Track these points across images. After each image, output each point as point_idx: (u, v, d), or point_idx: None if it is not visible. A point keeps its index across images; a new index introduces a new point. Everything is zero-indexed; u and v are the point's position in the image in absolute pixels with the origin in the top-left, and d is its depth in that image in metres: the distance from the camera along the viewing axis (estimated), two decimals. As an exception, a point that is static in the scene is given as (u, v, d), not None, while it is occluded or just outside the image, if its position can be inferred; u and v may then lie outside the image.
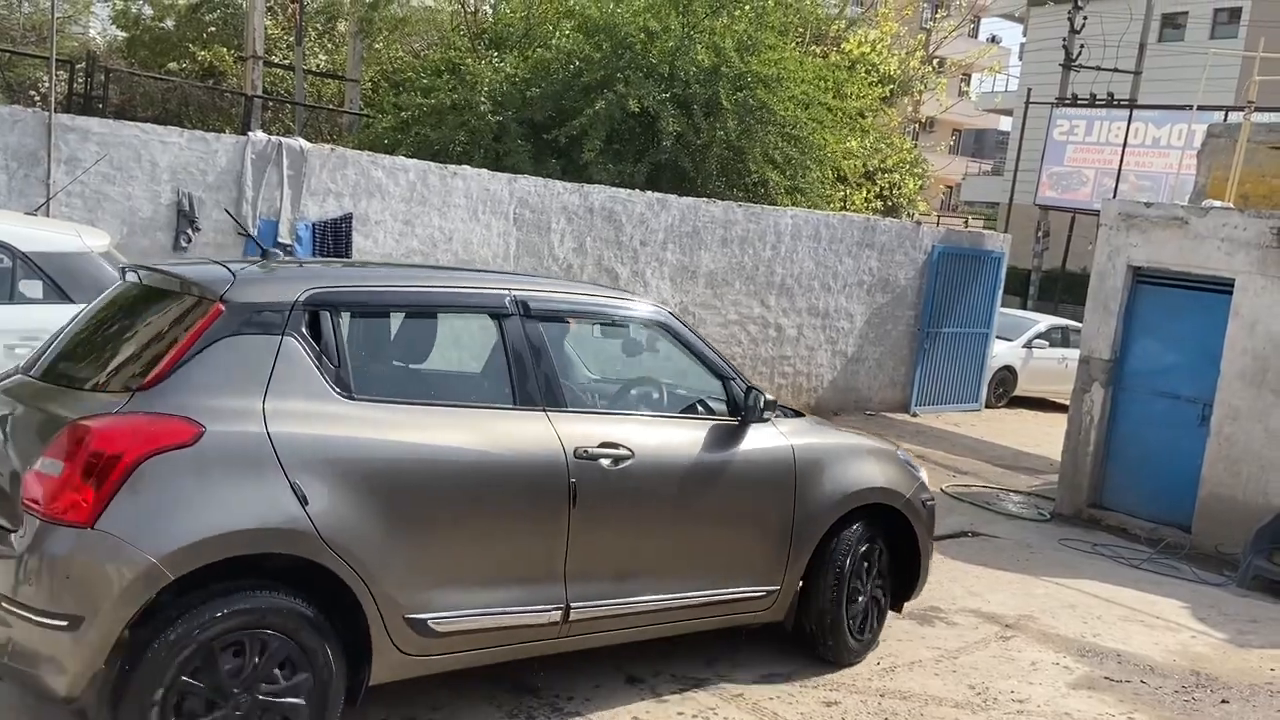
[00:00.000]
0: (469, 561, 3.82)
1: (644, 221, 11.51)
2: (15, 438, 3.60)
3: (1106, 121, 13.35)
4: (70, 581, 3.17)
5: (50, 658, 3.20)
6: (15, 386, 3.81)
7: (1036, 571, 7.13)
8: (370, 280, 4.08)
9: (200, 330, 3.46)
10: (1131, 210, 8.93)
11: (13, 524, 3.34)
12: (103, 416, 3.29)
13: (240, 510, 3.34)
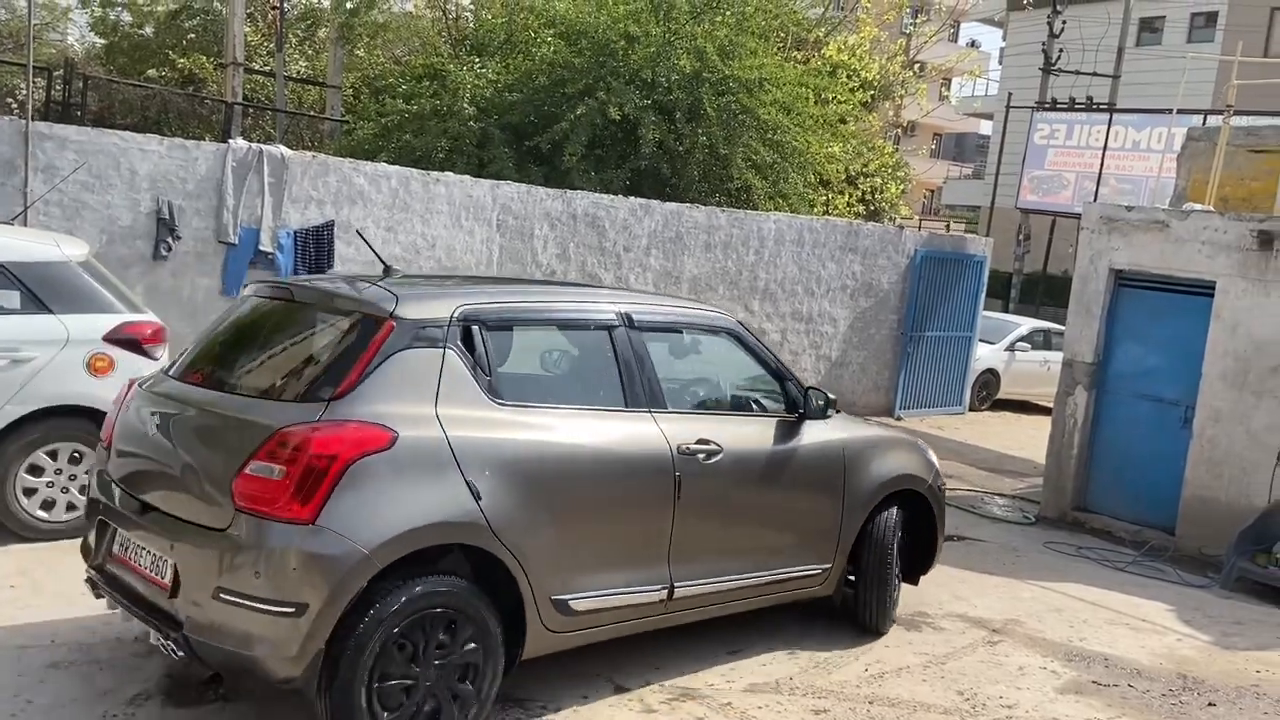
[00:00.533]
0: (597, 547, 4.31)
1: (627, 227, 11.49)
2: (190, 440, 3.98)
3: (1087, 125, 13.44)
4: (297, 573, 3.55)
5: (275, 642, 3.56)
6: (177, 391, 4.16)
7: (1022, 575, 7.14)
8: (506, 297, 4.50)
9: (378, 345, 3.85)
10: (1113, 214, 8.97)
11: (219, 523, 3.68)
12: (317, 424, 3.66)
13: (430, 506, 3.78)
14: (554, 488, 4.12)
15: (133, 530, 4.02)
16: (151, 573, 3.87)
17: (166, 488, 3.99)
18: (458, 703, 3.90)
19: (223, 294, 8.79)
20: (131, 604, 3.94)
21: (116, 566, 4.10)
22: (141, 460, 4.16)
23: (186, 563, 3.72)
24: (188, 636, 3.66)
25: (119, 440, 4.29)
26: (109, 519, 4.17)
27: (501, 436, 4.02)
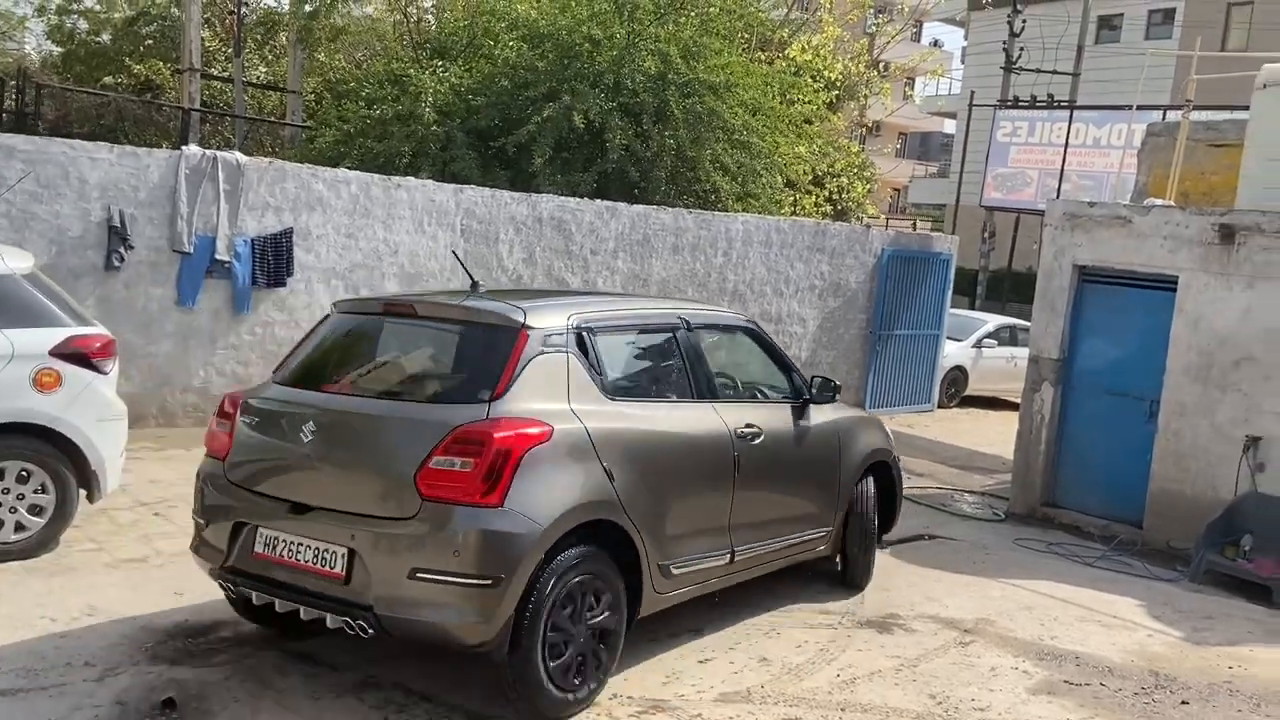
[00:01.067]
0: (686, 518, 4.92)
1: (594, 230, 11.40)
2: (359, 442, 4.37)
3: (1048, 122, 13.47)
4: (493, 550, 4.06)
5: (475, 612, 4.05)
6: (325, 401, 4.55)
7: (993, 573, 7.11)
8: (601, 307, 5.17)
9: (519, 352, 4.38)
10: (1076, 210, 8.99)
11: (404, 512, 4.12)
12: (494, 420, 4.17)
13: (582, 488, 4.37)
14: (657, 469, 4.74)
15: (285, 529, 4.36)
16: (316, 565, 4.26)
17: (332, 487, 4.36)
18: (595, 658, 4.50)
19: (178, 304, 8.63)
20: (290, 594, 4.31)
21: (260, 564, 4.42)
22: (291, 464, 4.50)
23: (371, 550, 4.12)
24: (379, 615, 4.06)
25: (245, 450, 4.64)
26: (249, 520, 4.48)
27: (618, 426, 4.62)
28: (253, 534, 4.47)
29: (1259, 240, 7.90)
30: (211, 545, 4.64)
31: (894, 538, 7.92)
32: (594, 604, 4.45)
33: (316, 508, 4.32)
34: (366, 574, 4.12)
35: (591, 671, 4.46)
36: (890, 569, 7.03)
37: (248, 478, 4.60)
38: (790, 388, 5.93)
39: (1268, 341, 7.86)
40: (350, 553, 4.16)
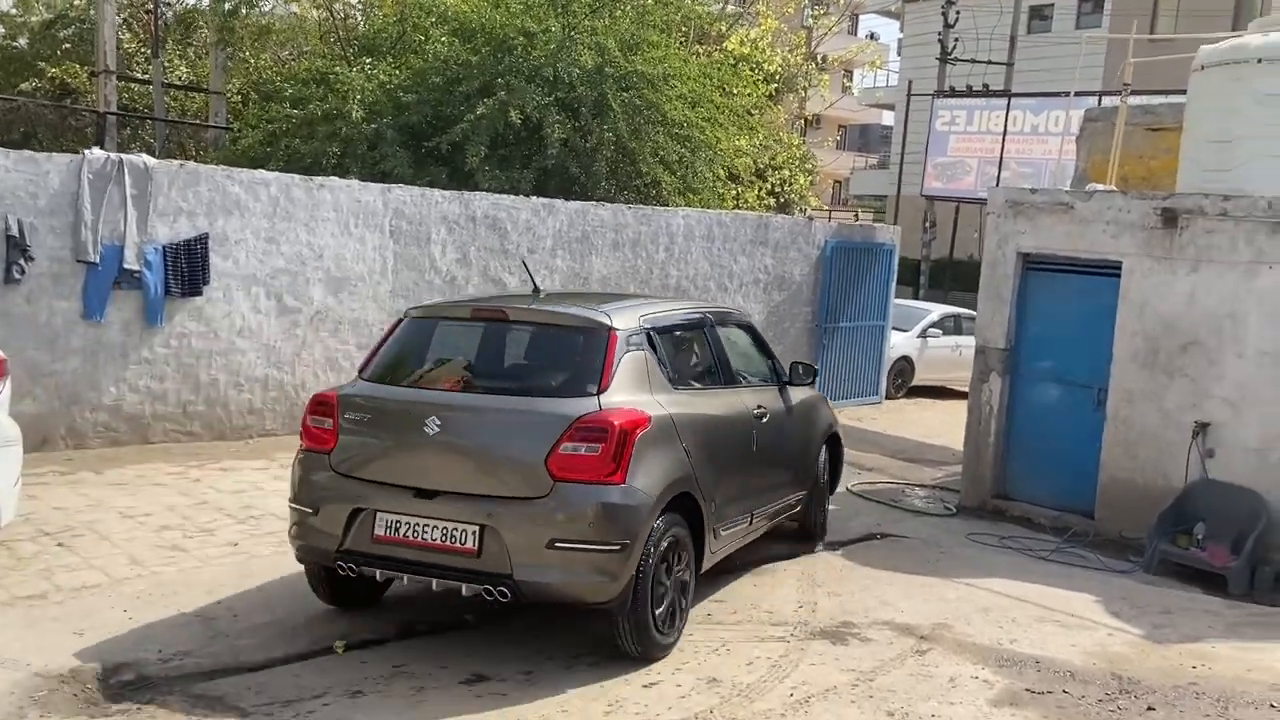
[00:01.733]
0: (727, 488, 5.67)
1: (530, 228, 11.04)
2: (484, 433, 4.90)
3: (986, 111, 13.40)
4: (620, 520, 4.74)
5: (607, 574, 4.72)
6: (441, 398, 5.09)
7: (947, 573, 6.91)
8: (657, 308, 5.83)
9: (612, 350, 5.03)
10: (1018, 197, 8.84)
11: (537, 492, 4.70)
12: (612, 410, 4.83)
13: (674, 465, 5.09)
14: (710, 447, 5.47)
15: (409, 512, 4.83)
16: (446, 542, 4.77)
17: (459, 473, 4.86)
18: (680, 607, 5.23)
19: (84, 318, 8.13)
20: (419, 570, 4.82)
21: (382, 546, 4.87)
22: (413, 454, 4.95)
23: (507, 527, 4.66)
24: (518, 582, 4.63)
25: (355, 442, 5.06)
26: (367, 506, 4.90)
27: (685, 411, 5.32)
28: (371, 518, 4.89)
29: (1202, 223, 7.78)
30: (322, 532, 5.01)
31: (845, 538, 7.73)
32: (678, 562, 5.17)
33: (443, 492, 4.82)
34: (501, 547, 4.65)
35: (678, 618, 5.21)
36: (843, 571, 6.80)
37: (360, 467, 5.03)
38: (773, 372, 6.86)
39: (1213, 326, 7.75)
40: (481, 529, 4.70)
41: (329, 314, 9.71)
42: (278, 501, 7.46)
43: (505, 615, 5.49)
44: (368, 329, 9.94)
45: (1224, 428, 7.69)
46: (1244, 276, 7.61)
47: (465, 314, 5.72)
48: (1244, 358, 7.61)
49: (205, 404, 9.01)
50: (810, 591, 6.29)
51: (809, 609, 5.94)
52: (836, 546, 7.48)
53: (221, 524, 6.89)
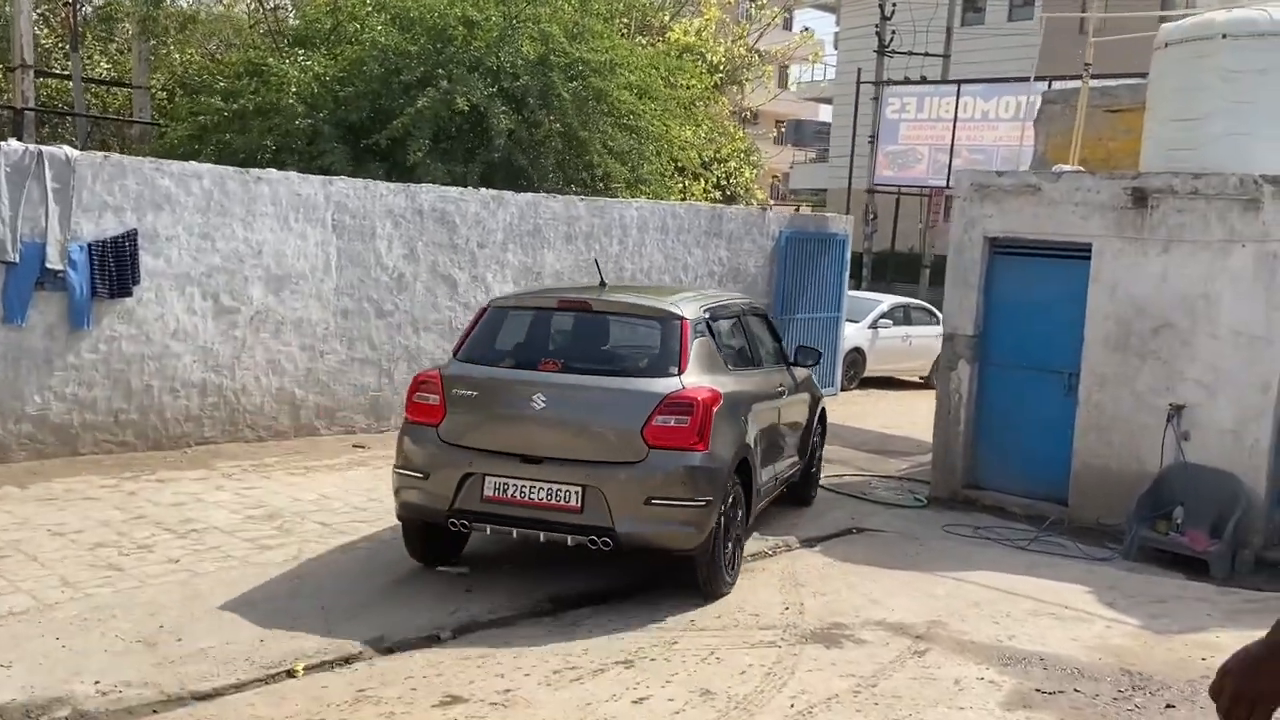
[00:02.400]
0: (764, 454, 6.55)
1: (480, 222, 10.62)
2: (585, 407, 5.66)
3: (936, 97, 13.28)
4: (706, 480, 5.56)
5: (694, 526, 5.51)
6: (542, 378, 5.74)
7: (930, 567, 6.68)
8: (710, 300, 6.69)
9: (686, 337, 5.78)
10: (984, 180, 8.66)
11: (635, 457, 5.49)
12: (695, 388, 5.61)
13: (739, 433, 5.94)
14: (755, 420, 6.33)
15: (517, 475, 5.55)
16: (551, 501, 5.52)
17: (563, 441, 5.60)
18: (738, 553, 6.15)
19: (4, 322, 7.55)
20: (527, 525, 5.58)
21: (491, 505, 5.59)
22: (520, 425, 5.67)
23: (609, 487, 5.42)
24: (619, 533, 5.41)
25: (462, 416, 5.75)
26: (476, 471, 5.59)
27: (738, 388, 6.09)
28: (480, 481, 5.60)
29: (1172, 203, 7.67)
30: (434, 494, 5.70)
31: (821, 534, 7.47)
32: (737, 517, 5.98)
33: (549, 458, 5.54)
34: (603, 504, 5.41)
35: (737, 564, 6.10)
36: (824, 569, 6.54)
37: (468, 437, 5.74)
38: (781, 355, 7.65)
39: (1186, 306, 7.65)
40: (584, 489, 5.45)
41: (270, 314, 9.20)
42: (221, 514, 6.99)
43: (484, 630, 5.13)
44: (310, 329, 9.45)
45: (1198, 409, 7.59)
46: (1217, 256, 7.50)
47: (551, 304, 6.53)
48: (1218, 338, 7.51)
49: (138, 412, 8.46)
50: (794, 591, 6.01)
51: (796, 610, 5.65)
52: (814, 543, 7.22)
53: (160, 540, 6.40)
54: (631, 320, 6.26)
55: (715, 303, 6.64)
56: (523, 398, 5.67)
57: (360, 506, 7.53)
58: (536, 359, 6.01)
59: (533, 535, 5.59)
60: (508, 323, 6.31)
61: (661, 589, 5.85)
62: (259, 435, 9.24)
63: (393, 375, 10.06)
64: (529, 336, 6.35)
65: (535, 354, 6.11)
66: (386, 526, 7.05)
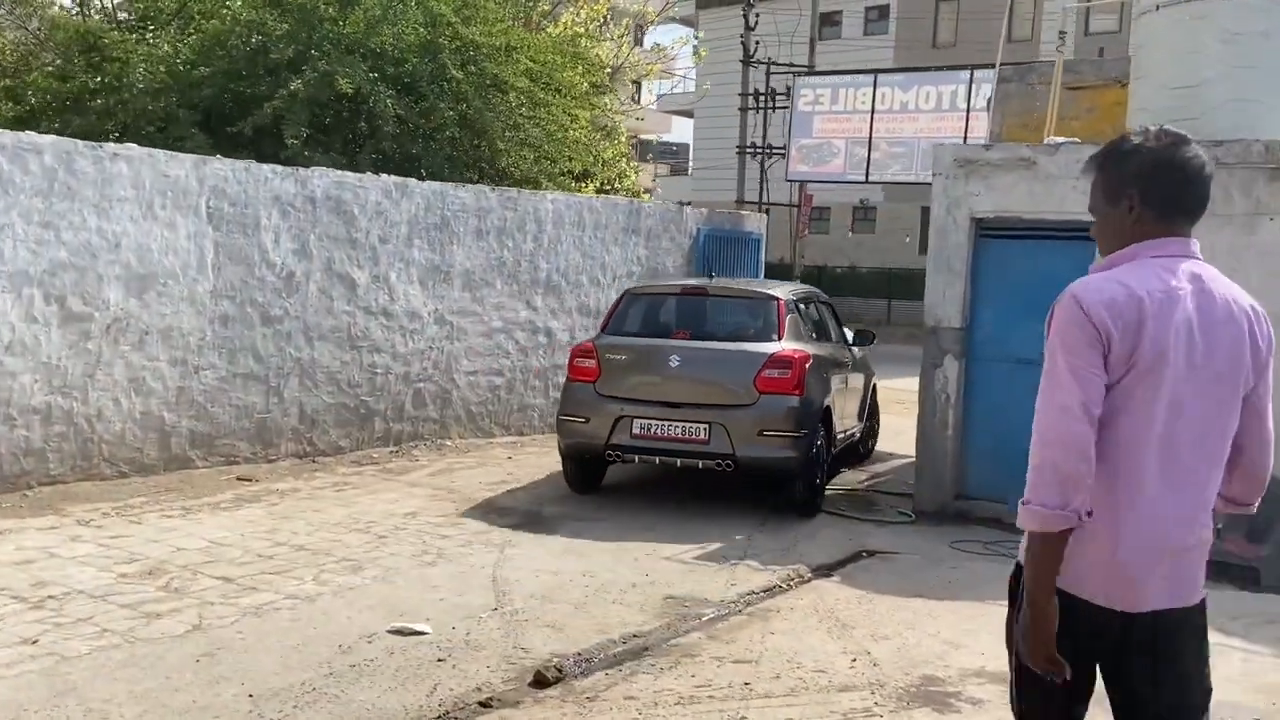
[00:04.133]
0: (837, 409, 8.15)
1: (382, 213, 9.14)
2: (712, 365, 7.48)
3: (852, 89, 12.62)
4: (803, 417, 7.32)
5: (795, 451, 7.26)
6: (678, 345, 7.65)
7: (980, 594, 5.66)
8: (792, 288, 8.68)
9: (782, 313, 7.71)
10: (970, 155, 7.81)
11: (749, 400, 7.28)
12: (793, 349, 7.50)
13: (822, 387, 7.74)
14: (833, 379, 8.07)
15: (659, 417, 7.40)
16: (685, 435, 7.35)
17: (693, 391, 7.41)
18: (825, 480, 7.94)
19: None
20: (668, 454, 7.42)
21: (639, 440, 7.43)
22: (659, 380, 7.50)
23: (731, 423, 7.20)
24: (738, 458, 7.21)
25: (614, 374, 7.62)
26: (626, 415, 7.44)
27: (820, 353, 7.92)
28: (630, 423, 7.40)
29: (1189, 174, 6.96)
30: (594, 434, 7.51)
31: (831, 559, 6.40)
32: (824, 449, 7.61)
33: (684, 404, 7.37)
34: (725, 436, 7.18)
35: (822, 490, 7.80)
36: (862, 604, 5.44)
37: (619, 389, 7.56)
38: (842, 334, 9.11)
39: (1207, 288, 6.94)
40: (709, 425, 7.21)
41: (131, 321, 7.51)
42: (85, 573, 5.37)
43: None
44: (182, 340, 7.79)
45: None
46: (1241, 231, 6.83)
47: (677, 290, 8.62)
48: (1244, 321, 6.82)
49: (-39, 447, 6.65)
50: (847, 636, 4.89)
51: (866, 661, 4.52)
52: (828, 571, 6.13)
53: (8, 612, 4.76)
54: (742, 301, 8.22)
55: (797, 289, 8.72)
56: (662, 359, 7.53)
57: (265, 554, 6.03)
58: (670, 330, 8.04)
59: (671, 462, 7.43)
60: (642, 304, 8.29)
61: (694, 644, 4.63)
62: (120, 471, 7.52)
63: (282, 393, 8.47)
64: (661, 314, 8.33)
65: (669, 326, 8.14)
66: (310, 578, 5.58)
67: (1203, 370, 2.21)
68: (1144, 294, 2.18)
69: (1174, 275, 2.25)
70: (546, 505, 7.72)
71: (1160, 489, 2.18)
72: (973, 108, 12.50)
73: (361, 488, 8.02)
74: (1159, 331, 2.17)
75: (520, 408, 10.55)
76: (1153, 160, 2.28)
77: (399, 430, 9.45)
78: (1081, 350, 2.17)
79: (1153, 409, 2.17)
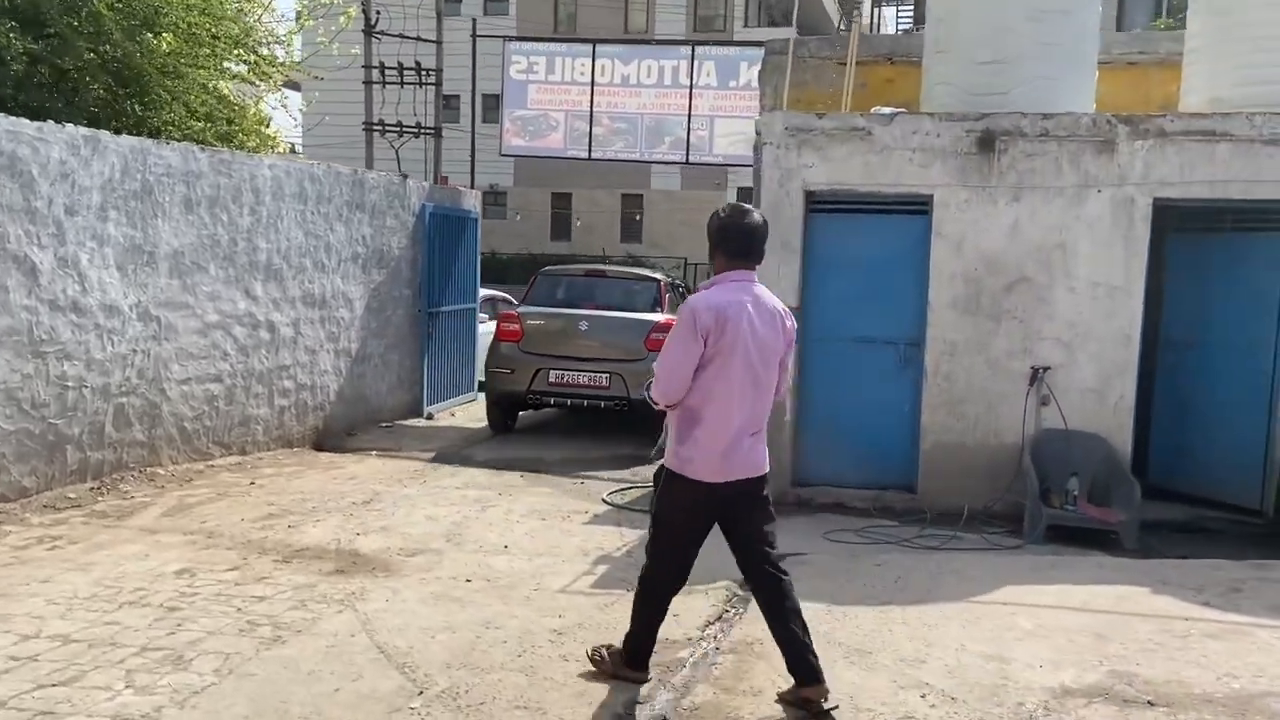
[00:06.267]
0: None
1: (68, 175, 6.91)
2: (613, 330, 9.60)
3: (569, 58, 11.77)
4: None
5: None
6: (584, 314, 9.80)
7: (945, 593, 5.18)
8: (665, 274, 11.03)
9: (664, 291, 10.22)
10: (803, 124, 7.35)
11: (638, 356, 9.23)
12: (669, 318, 9.13)
13: None
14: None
15: (569, 369, 9.53)
16: (590, 383, 9.46)
17: (597, 349, 9.51)
18: None
19: None
20: (576, 398, 9.58)
21: (553, 388, 9.58)
22: (570, 340, 9.63)
23: (626, 373, 9.14)
24: (631, 400, 9.07)
25: (534, 336, 9.78)
26: (544, 367, 9.59)
27: None
28: (547, 374, 9.58)
29: (1021, 146, 7.02)
30: (517, 382, 9.73)
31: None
32: None
33: (590, 358, 9.53)
34: (623, 383, 9.23)
35: None
36: (844, 621, 4.74)
37: (538, 347, 9.74)
38: None
39: (1040, 259, 7.05)
40: (610, 375, 9.37)
41: None
42: None
43: None
44: None
45: (1059, 370, 7.03)
46: (1071, 203, 6.98)
47: (582, 273, 11.06)
48: (1076, 291, 7.00)
49: None
50: (874, 664, 4.16)
51: (936, 694, 3.81)
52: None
53: None
54: (631, 281, 10.44)
55: (667, 276, 10.57)
56: (573, 324, 9.64)
57: (20, 657, 4.13)
58: (578, 302, 9.99)
59: (579, 403, 9.58)
60: (556, 283, 10.47)
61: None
62: None
63: (-59, 422, 6.09)
64: (569, 290, 10.33)
65: (576, 299, 10.08)
66: (123, 684, 3.85)
67: (757, 347, 3.76)
68: (724, 304, 3.73)
69: (743, 293, 3.80)
70: (357, 539, 6.21)
71: (735, 412, 3.72)
72: (695, 84, 12.20)
73: (79, 541, 5.98)
74: (734, 326, 3.70)
75: (242, 420, 8.62)
76: (726, 225, 3.89)
77: (99, 460, 7.27)
78: (688, 336, 3.69)
79: (731, 369, 3.70)
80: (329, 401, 9.74)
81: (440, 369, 11.65)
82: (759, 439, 3.83)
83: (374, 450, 9.35)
